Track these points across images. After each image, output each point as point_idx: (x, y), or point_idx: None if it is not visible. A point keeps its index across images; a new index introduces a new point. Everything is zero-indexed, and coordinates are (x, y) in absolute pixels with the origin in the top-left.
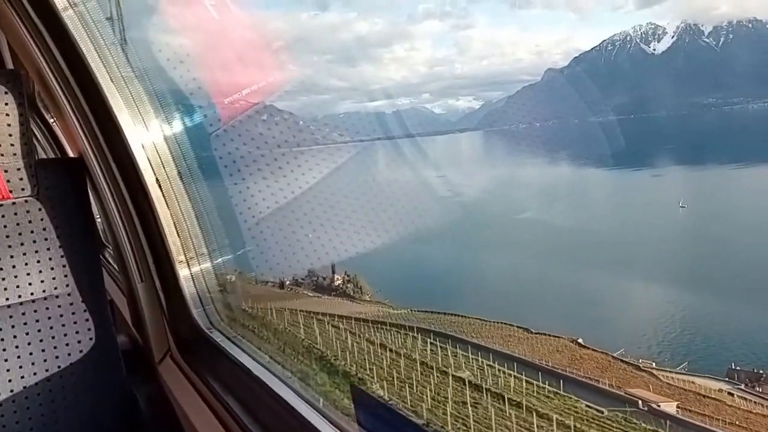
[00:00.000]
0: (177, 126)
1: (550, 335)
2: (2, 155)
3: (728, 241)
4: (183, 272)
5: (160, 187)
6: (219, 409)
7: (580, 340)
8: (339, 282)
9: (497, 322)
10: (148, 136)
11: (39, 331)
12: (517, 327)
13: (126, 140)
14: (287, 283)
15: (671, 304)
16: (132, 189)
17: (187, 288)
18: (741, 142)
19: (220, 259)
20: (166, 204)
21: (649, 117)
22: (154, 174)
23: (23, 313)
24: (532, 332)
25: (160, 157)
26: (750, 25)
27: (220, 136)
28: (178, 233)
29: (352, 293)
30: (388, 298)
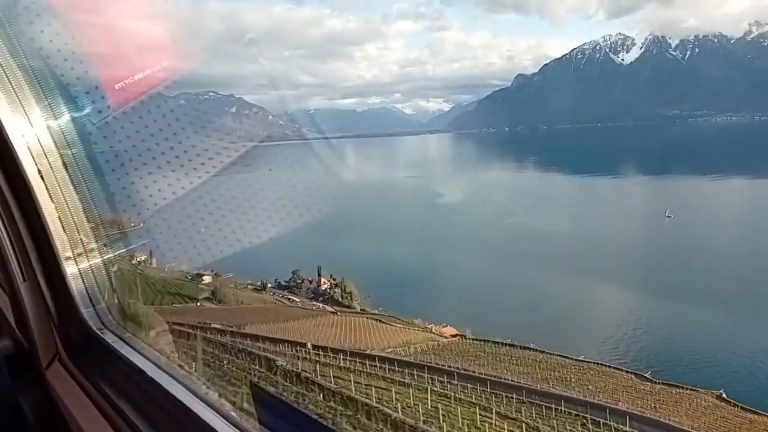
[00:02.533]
0: (61, 113)
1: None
2: None
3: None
4: (70, 269)
5: (42, 178)
6: (112, 416)
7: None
8: (326, 286)
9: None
10: (29, 125)
11: None
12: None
13: (2, 128)
14: (269, 286)
15: None
16: (10, 180)
17: (76, 286)
18: (704, 153)
19: (111, 254)
20: (50, 196)
21: (615, 126)
22: (36, 164)
23: None
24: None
25: (42, 147)
26: (716, 40)
27: (110, 123)
28: (63, 228)
29: (340, 299)
30: (380, 305)
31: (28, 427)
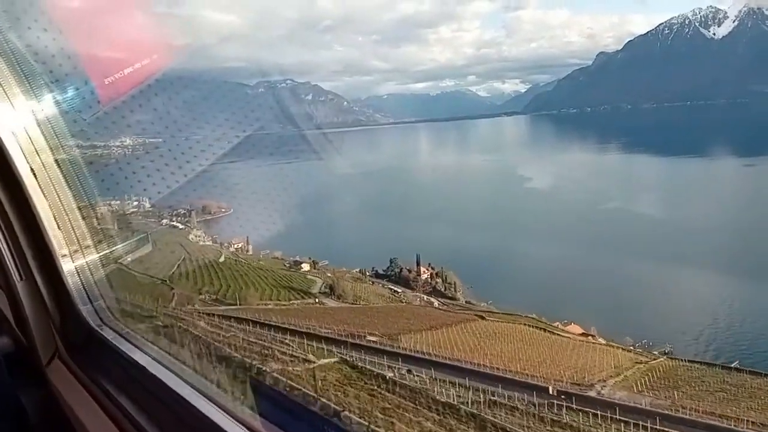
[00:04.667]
0: (52, 110)
1: None
2: None
3: None
4: (67, 267)
5: (35, 176)
6: (113, 412)
7: None
8: (426, 276)
9: None
10: (19, 123)
11: None
12: None
13: None
14: (368, 274)
15: None
16: (4, 179)
17: (73, 283)
18: None
19: (108, 250)
20: (44, 194)
21: (706, 105)
22: (28, 163)
23: None
24: None
25: (33, 145)
26: None
27: (101, 119)
28: (59, 225)
29: (443, 290)
30: (484, 297)
31: (30, 426)
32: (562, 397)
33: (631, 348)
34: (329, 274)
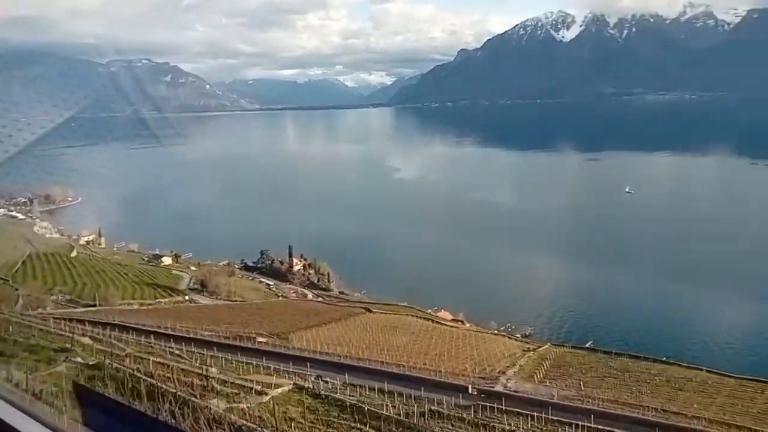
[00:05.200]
0: None
1: None
2: None
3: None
4: None
5: None
6: None
7: None
8: (299, 267)
9: None
10: None
11: None
12: None
13: None
14: (237, 267)
15: None
16: None
17: None
18: (638, 130)
19: None
20: None
21: (555, 102)
22: None
23: None
24: None
25: None
26: (652, 20)
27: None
28: None
29: (317, 281)
30: (357, 287)
31: None
32: (483, 396)
33: (509, 334)
34: (194, 268)
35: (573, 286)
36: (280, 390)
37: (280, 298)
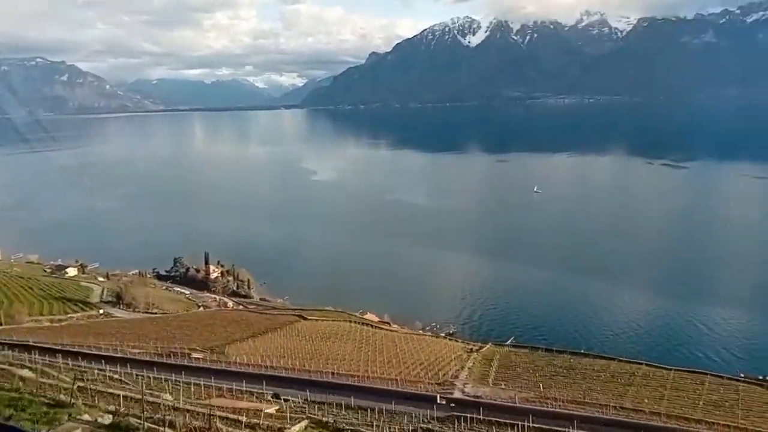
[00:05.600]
0: None
1: None
2: None
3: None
4: None
5: None
6: None
7: None
8: (216, 274)
9: None
10: None
11: None
12: None
13: None
14: (149, 276)
15: None
16: None
17: None
18: (541, 132)
19: None
20: None
21: (463, 106)
22: None
23: None
24: None
25: None
26: (551, 27)
27: None
28: None
29: (236, 288)
30: (280, 292)
31: None
32: (452, 405)
33: (447, 336)
34: (102, 279)
35: (489, 284)
36: (297, 428)
37: (201, 309)
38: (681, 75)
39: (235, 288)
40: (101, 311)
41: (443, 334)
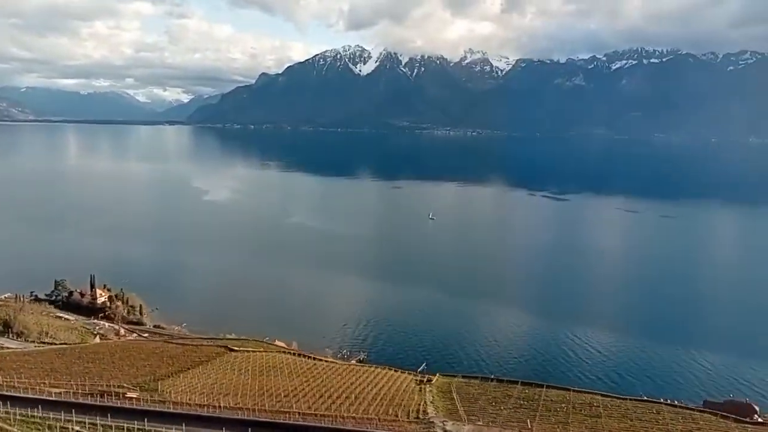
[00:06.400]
0: None
1: None
2: None
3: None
4: None
5: None
6: None
7: None
8: (104, 299)
9: None
10: None
11: None
12: None
13: None
14: (26, 300)
15: None
16: None
17: None
18: (431, 162)
19: None
20: None
21: (354, 132)
22: None
23: None
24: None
25: None
26: (438, 62)
27: None
28: None
29: (126, 314)
30: (175, 318)
31: None
32: None
33: (359, 362)
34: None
35: (392, 308)
36: None
37: (97, 339)
38: (554, 113)
39: (125, 313)
40: None
41: (353, 361)
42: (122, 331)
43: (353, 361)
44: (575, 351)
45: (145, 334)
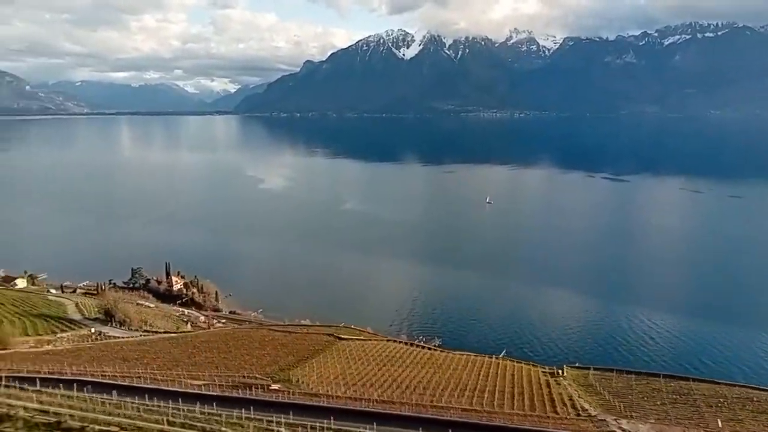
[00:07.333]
0: None
1: None
2: None
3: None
4: None
5: None
6: None
7: None
8: (179, 286)
9: None
10: None
11: None
12: None
13: None
14: (106, 288)
15: None
16: None
17: None
18: (479, 145)
19: None
20: None
21: (398, 117)
22: None
23: None
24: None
25: None
26: (483, 43)
27: None
28: None
29: (202, 301)
30: (249, 304)
31: None
32: None
33: (436, 348)
34: (54, 291)
35: (457, 293)
36: None
37: (189, 326)
38: (604, 92)
39: (201, 300)
40: (92, 330)
41: (431, 346)
42: (202, 318)
43: (433, 345)
44: (681, 338)
45: (224, 322)
